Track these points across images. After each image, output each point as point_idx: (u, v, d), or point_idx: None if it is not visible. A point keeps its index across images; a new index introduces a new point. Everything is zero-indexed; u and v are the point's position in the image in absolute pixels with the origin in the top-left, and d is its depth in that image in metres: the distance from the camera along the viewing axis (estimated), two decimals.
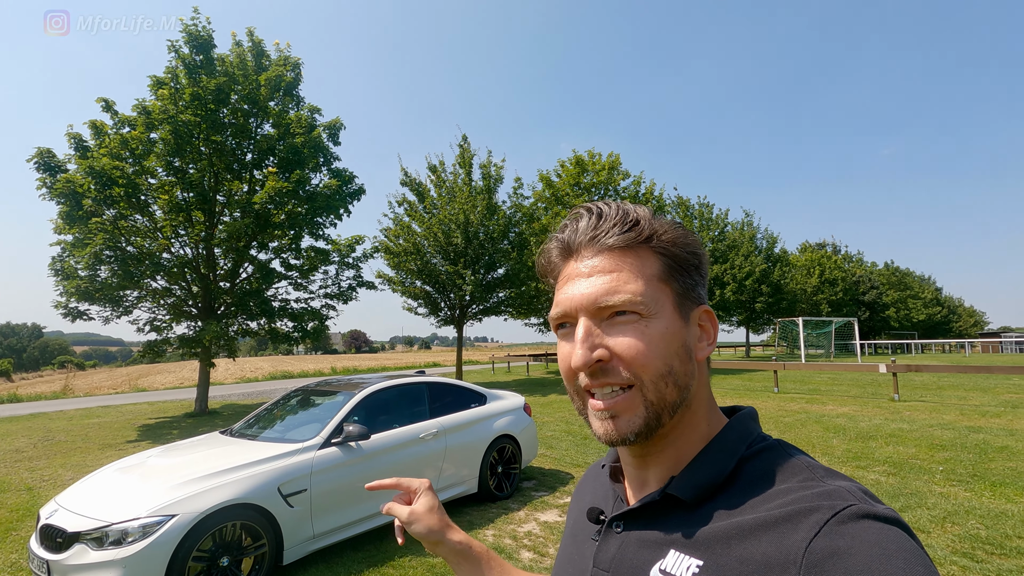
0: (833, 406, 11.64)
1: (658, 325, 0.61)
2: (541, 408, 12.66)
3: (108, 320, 13.64)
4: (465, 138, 19.42)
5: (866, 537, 0.46)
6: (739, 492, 0.59)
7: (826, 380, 17.76)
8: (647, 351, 0.59)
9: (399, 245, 18.65)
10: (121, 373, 45.71)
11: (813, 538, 0.48)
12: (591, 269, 0.62)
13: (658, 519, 0.62)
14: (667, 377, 0.60)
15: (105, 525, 3.38)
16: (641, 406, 0.60)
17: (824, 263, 47.02)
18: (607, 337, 0.60)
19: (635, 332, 0.60)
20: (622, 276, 0.61)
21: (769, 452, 0.62)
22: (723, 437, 0.64)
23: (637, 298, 0.60)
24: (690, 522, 0.59)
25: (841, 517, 0.49)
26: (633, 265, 0.62)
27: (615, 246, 0.62)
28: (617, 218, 0.63)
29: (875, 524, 0.48)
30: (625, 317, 0.60)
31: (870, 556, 0.45)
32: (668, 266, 0.63)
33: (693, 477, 0.61)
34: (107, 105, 12.60)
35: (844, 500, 0.51)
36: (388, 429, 5.05)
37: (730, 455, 0.62)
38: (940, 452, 7.12)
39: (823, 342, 35.70)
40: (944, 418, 9.68)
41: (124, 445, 9.67)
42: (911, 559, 0.45)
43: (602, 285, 0.61)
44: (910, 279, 64.72)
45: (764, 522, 0.53)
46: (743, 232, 36.57)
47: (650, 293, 0.61)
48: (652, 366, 0.59)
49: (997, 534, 4.38)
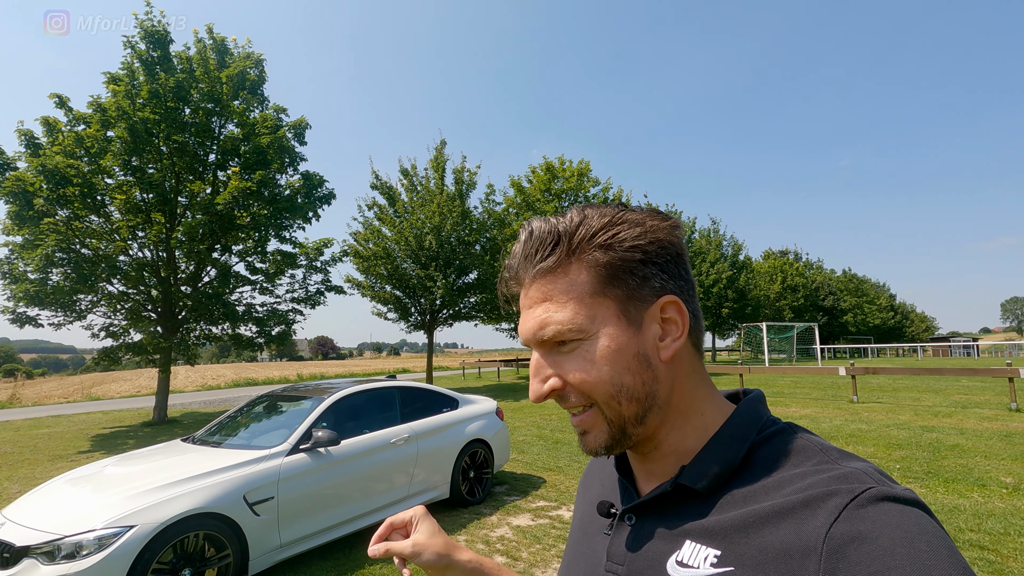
0: (796, 408, 11.97)
1: (600, 344, 0.59)
2: (512, 413, 12.64)
3: (59, 326, 13.01)
4: (443, 142, 19.34)
5: (888, 520, 0.45)
6: (753, 478, 0.57)
7: (789, 383, 18.27)
8: (591, 376, 0.59)
9: (368, 249, 18.41)
10: (73, 381, 43.64)
11: (833, 523, 0.47)
12: (529, 301, 0.62)
13: (672, 510, 0.61)
14: (618, 395, 0.59)
15: (57, 538, 3.20)
16: (603, 423, 0.60)
17: (786, 270, 48.54)
18: (556, 367, 0.60)
19: (577, 359, 0.59)
20: (551, 306, 0.59)
21: (780, 435, 0.60)
22: (731, 424, 0.62)
23: (565, 327, 0.58)
24: (705, 512, 0.58)
25: (860, 500, 0.47)
26: (561, 289, 0.60)
27: (546, 269, 0.60)
28: (542, 238, 0.61)
29: (896, 506, 0.47)
30: (566, 345, 0.59)
31: (893, 539, 0.44)
32: (602, 275, 0.59)
33: (704, 466, 0.60)
34: (61, 101, 12.07)
35: (862, 483, 0.50)
36: (359, 434, 4.96)
37: (741, 441, 0.60)
38: (897, 451, 7.39)
39: (785, 346, 36.78)
40: (900, 418, 10.06)
41: (76, 456, 9.22)
42: (934, 541, 0.44)
43: (536, 319, 0.60)
44: (866, 286, 67.30)
45: (782, 509, 0.51)
46: (710, 240, 37.46)
47: (584, 313, 0.59)
48: (600, 389, 0.59)
49: (951, 528, 4.56)
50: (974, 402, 12.04)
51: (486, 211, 20.09)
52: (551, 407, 13.55)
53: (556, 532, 4.91)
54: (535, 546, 4.61)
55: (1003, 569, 3.79)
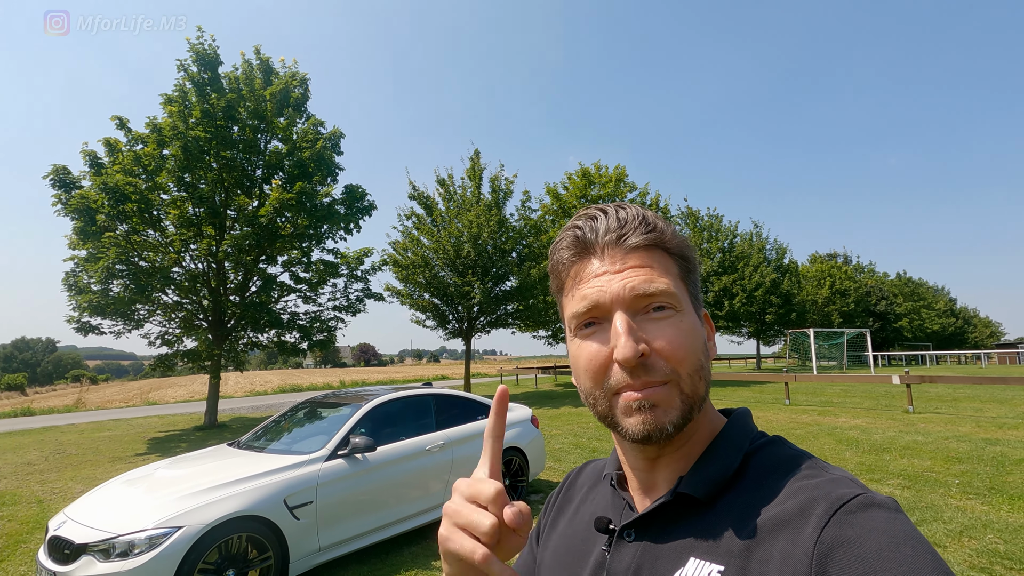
0: (846, 418, 11.46)
1: (688, 320, 0.62)
2: (550, 421, 12.58)
3: (120, 334, 13.80)
4: (477, 152, 19.58)
5: (874, 525, 0.47)
6: (749, 488, 0.59)
7: (838, 392, 17.52)
8: (685, 345, 0.60)
9: (407, 258, 18.74)
10: (133, 387, 46.05)
11: (823, 528, 0.49)
12: (622, 265, 0.62)
13: (672, 524, 0.61)
14: (700, 371, 0.61)
15: (112, 537, 3.38)
16: (678, 399, 0.59)
17: (835, 273, 46.61)
18: (645, 332, 0.60)
19: (672, 326, 0.60)
20: (654, 271, 0.62)
21: (771, 446, 0.63)
22: (727, 434, 0.65)
23: (672, 290, 0.61)
24: (706, 523, 0.58)
25: (849, 507, 0.49)
26: (659, 264, 0.63)
27: (640, 246, 0.63)
28: (639, 220, 0.64)
29: (882, 512, 0.49)
30: (661, 312, 0.61)
31: (879, 544, 0.46)
32: (682, 267, 0.65)
33: (704, 473, 0.61)
34: (121, 123, 12.85)
35: (851, 489, 0.52)
36: (394, 441, 5.04)
37: (736, 450, 0.63)
38: (956, 465, 6.98)
39: (835, 353, 35.26)
40: (960, 430, 9.50)
41: (133, 458, 9.71)
42: (918, 546, 0.45)
43: (637, 278, 0.61)
44: (923, 289, 63.96)
45: (779, 520, 0.53)
46: (752, 243, 36.42)
47: (677, 289, 0.63)
48: (689, 360, 0.60)
49: (1016, 548, 4.27)
50: None
51: (522, 219, 20.18)
52: (588, 415, 13.42)
53: None
54: None
55: None
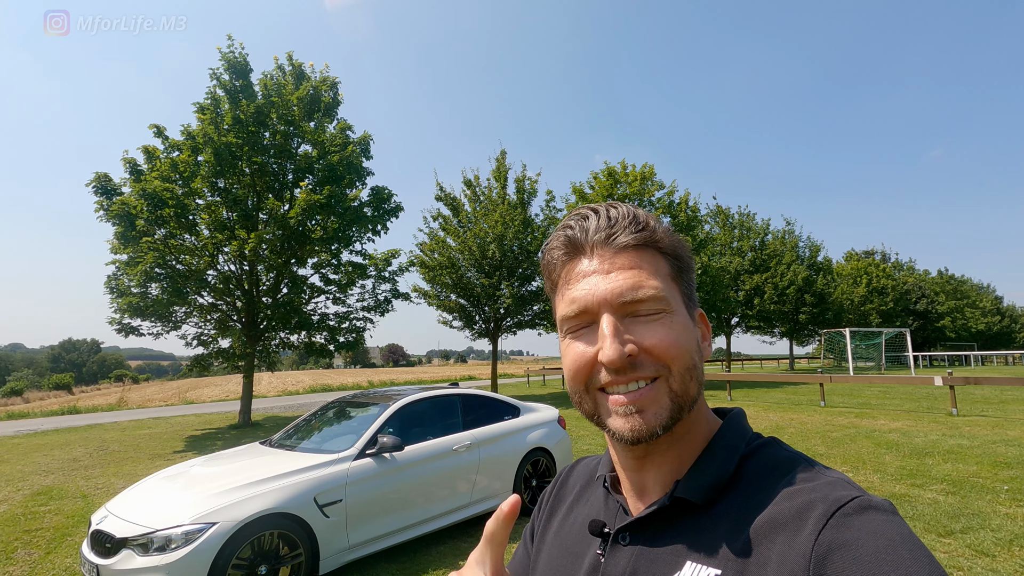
0: (885, 420, 11.08)
1: (680, 320, 0.62)
2: (576, 421, 12.49)
3: (158, 335, 14.26)
4: (503, 153, 19.60)
5: (871, 528, 0.48)
6: (745, 491, 0.59)
7: (876, 393, 16.95)
8: (676, 343, 0.59)
9: (434, 259, 18.88)
10: (172, 386, 47.58)
11: (821, 531, 0.49)
12: (611, 266, 0.62)
13: (668, 527, 0.61)
14: (691, 371, 0.60)
15: (150, 531, 3.49)
16: (666, 397, 0.59)
17: (872, 271, 45.12)
18: (633, 333, 0.60)
19: (662, 326, 0.60)
20: (643, 273, 0.61)
21: (766, 448, 0.63)
22: (723, 436, 0.65)
23: (661, 293, 0.60)
24: (702, 527, 0.58)
25: (846, 510, 0.50)
26: (649, 263, 0.62)
27: (630, 245, 0.62)
28: (629, 219, 0.63)
29: (879, 515, 0.49)
30: (650, 315, 0.60)
31: (877, 546, 0.46)
32: (675, 267, 0.64)
33: (701, 477, 0.61)
34: (158, 131, 13.28)
35: (847, 492, 0.52)
36: (422, 441, 5.07)
37: (732, 453, 0.62)
38: (1005, 470, 6.66)
39: (873, 354, 34.11)
40: (1008, 434, 9.07)
41: (171, 455, 10.02)
42: (915, 548, 0.46)
43: (625, 281, 0.60)
44: (966, 287, 61.42)
45: (775, 523, 0.53)
46: (784, 241, 35.56)
47: (668, 290, 0.62)
48: (680, 359, 0.59)
49: None
50: None
51: (548, 218, 20.11)
52: None
53: None
54: None
55: None
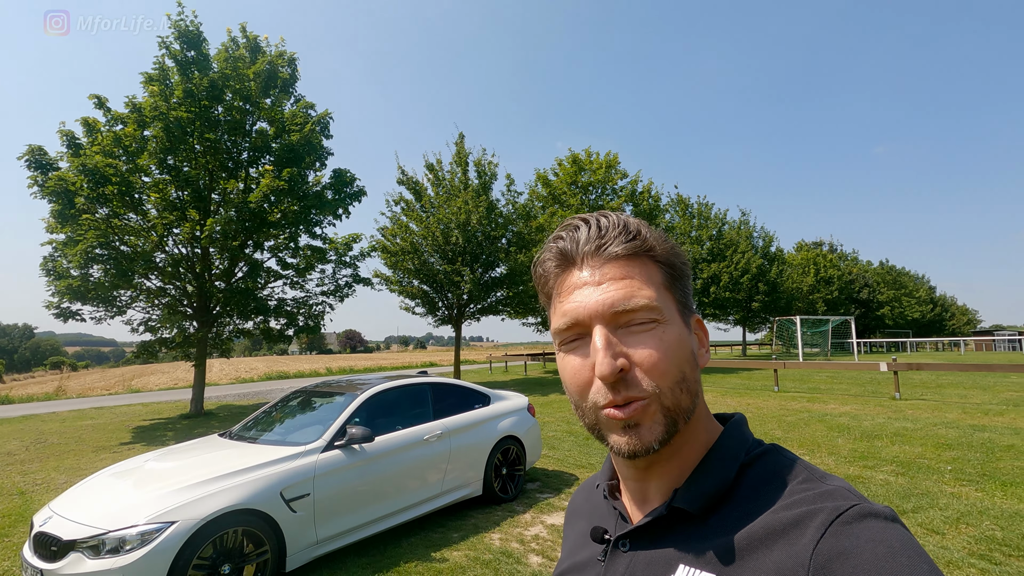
0: (835, 405, 11.59)
1: (672, 331, 0.61)
2: (542, 408, 12.56)
3: (100, 320, 13.44)
4: (462, 136, 19.29)
5: (871, 536, 0.47)
6: (743, 500, 0.59)
7: (825, 379, 17.75)
8: (666, 358, 0.58)
9: (396, 244, 18.49)
10: (115, 374, 45.31)
11: (819, 540, 0.49)
12: (601, 277, 0.61)
13: (665, 535, 0.61)
14: (682, 384, 0.59)
15: (102, 533, 3.25)
16: (659, 413, 0.58)
17: (820, 261, 47.19)
18: (626, 346, 0.59)
19: (653, 339, 0.59)
20: (634, 283, 0.60)
21: (766, 457, 0.63)
22: (722, 445, 0.64)
23: (653, 303, 0.60)
24: (699, 535, 0.58)
25: (845, 518, 0.49)
26: (641, 274, 0.61)
27: (620, 255, 0.61)
28: (620, 228, 0.63)
29: (878, 523, 0.49)
30: (642, 325, 0.59)
31: (876, 554, 0.45)
32: (668, 275, 0.64)
33: (698, 487, 0.61)
34: (100, 102, 12.39)
35: (847, 500, 0.52)
36: (392, 431, 4.93)
37: (731, 462, 0.62)
38: (947, 451, 7.06)
39: (819, 340, 35.76)
40: (947, 416, 9.64)
41: (118, 447, 9.50)
42: (914, 556, 0.45)
43: (616, 292, 0.60)
44: (905, 278, 64.99)
45: (773, 530, 0.53)
46: (740, 231, 36.65)
47: (661, 299, 0.61)
48: (670, 374, 0.58)
49: (1013, 535, 4.31)
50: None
51: (509, 203, 19.99)
52: None
53: None
54: None
55: None
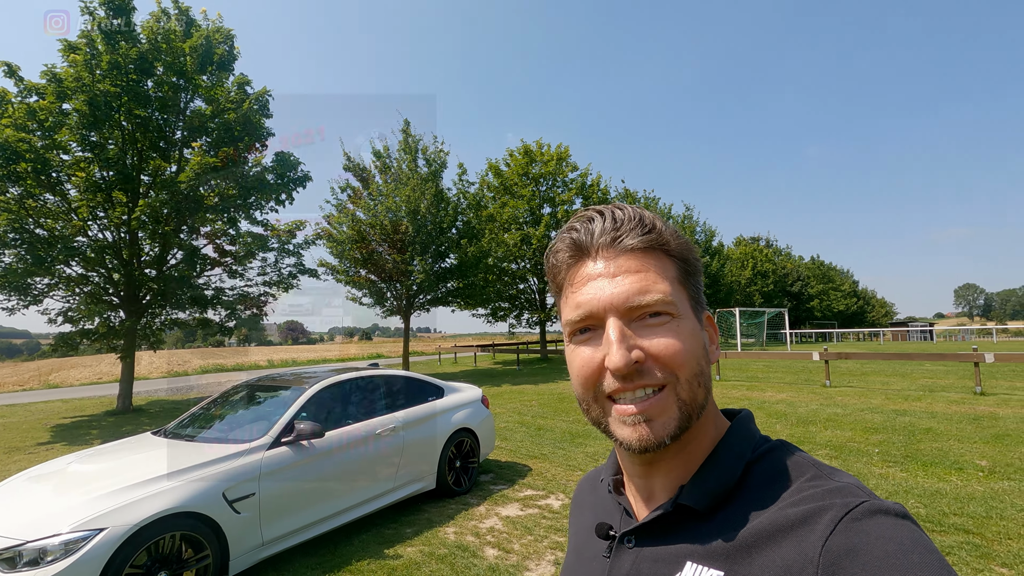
0: (772, 392, 12.19)
1: (687, 325, 0.60)
2: (493, 399, 12.54)
3: (13, 311, 12.31)
4: (407, 123, 18.87)
5: (881, 533, 0.47)
6: (751, 497, 0.58)
7: (762, 367, 18.64)
8: (683, 350, 0.58)
9: (342, 232, 17.93)
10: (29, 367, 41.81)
11: (829, 536, 0.48)
12: (617, 269, 0.61)
13: (672, 531, 0.61)
14: (699, 377, 0.59)
15: (18, 544, 2.94)
16: (675, 407, 0.58)
17: (757, 256, 49.51)
18: (640, 339, 0.58)
19: (669, 332, 0.59)
20: (650, 276, 0.60)
21: (773, 453, 0.62)
22: (729, 442, 0.64)
23: (669, 297, 0.59)
24: (705, 532, 0.58)
25: (855, 514, 0.49)
26: (656, 267, 0.61)
27: (636, 248, 0.61)
28: (635, 221, 0.62)
29: (888, 519, 0.48)
30: (657, 318, 0.59)
31: (887, 551, 0.45)
32: (682, 270, 0.63)
33: (705, 485, 0.60)
34: (10, 70, 11.27)
35: (856, 497, 0.51)
36: (342, 425, 4.76)
37: (738, 459, 0.61)
38: (874, 435, 7.55)
39: (755, 331, 37.63)
40: (872, 402, 10.32)
41: (35, 448, 8.76)
42: (926, 553, 0.45)
43: (631, 285, 0.59)
44: (833, 272, 69.26)
45: (781, 526, 0.52)
46: (683, 226, 37.87)
47: (675, 294, 0.60)
48: (688, 366, 0.58)
49: (935, 512, 4.63)
50: (940, 386, 12.45)
51: (460, 192, 19.78)
52: (531, 393, 13.51)
53: (547, 523, 4.81)
54: (526, 537, 4.50)
55: (989, 552, 3.85)
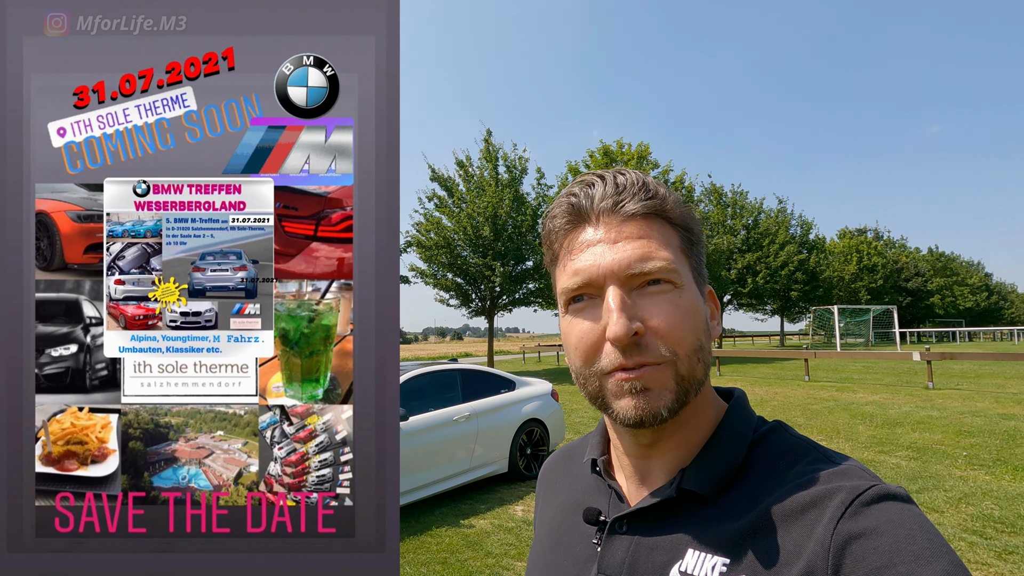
0: (864, 394, 11.61)
1: (688, 296, 0.56)
2: (569, 396, 12.94)
3: None
4: (489, 132, 19.77)
5: (890, 517, 0.46)
6: (754, 480, 0.56)
7: (860, 368, 17.53)
8: (683, 324, 0.54)
9: (430, 239, 19.17)
10: None
11: (839, 520, 0.47)
12: (617, 235, 0.56)
13: (670, 517, 0.57)
14: (698, 352, 0.55)
15: None
16: (672, 380, 0.54)
17: (863, 249, 45.70)
18: (639, 309, 0.54)
19: (670, 303, 0.54)
20: (652, 243, 0.56)
21: (772, 435, 0.60)
22: (730, 423, 0.60)
23: (671, 265, 0.55)
24: (707, 517, 0.55)
25: (864, 498, 0.47)
26: (658, 234, 0.57)
27: (638, 214, 0.57)
28: (638, 186, 0.58)
29: (896, 504, 0.47)
30: (658, 287, 0.55)
31: (896, 536, 0.44)
32: (686, 239, 0.59)
33: (709, 468, 0.57)
34: None
35: (864, 480, 0.50)
36: (424, 412, 5.48)
37: (740, 441, 0.58)
38: (966, 438, 7.15)
39: (861, 330, 34.88)
40: (977, 406, 9.60)
41: None
42: (933, 538, 0.44)
43: (632, 251, 0.55)
44: (956, 264, 62.19)
45: (789, 511, 0.50)
46: (777, 220, 35.99)
47: (678, 263, 0.56)
48: (687, 340, 0.54)
49: (1010, 514, 4.51)
50: None
51: (539, 196, 20.39)
52: None
53: None
54: None
55: None
